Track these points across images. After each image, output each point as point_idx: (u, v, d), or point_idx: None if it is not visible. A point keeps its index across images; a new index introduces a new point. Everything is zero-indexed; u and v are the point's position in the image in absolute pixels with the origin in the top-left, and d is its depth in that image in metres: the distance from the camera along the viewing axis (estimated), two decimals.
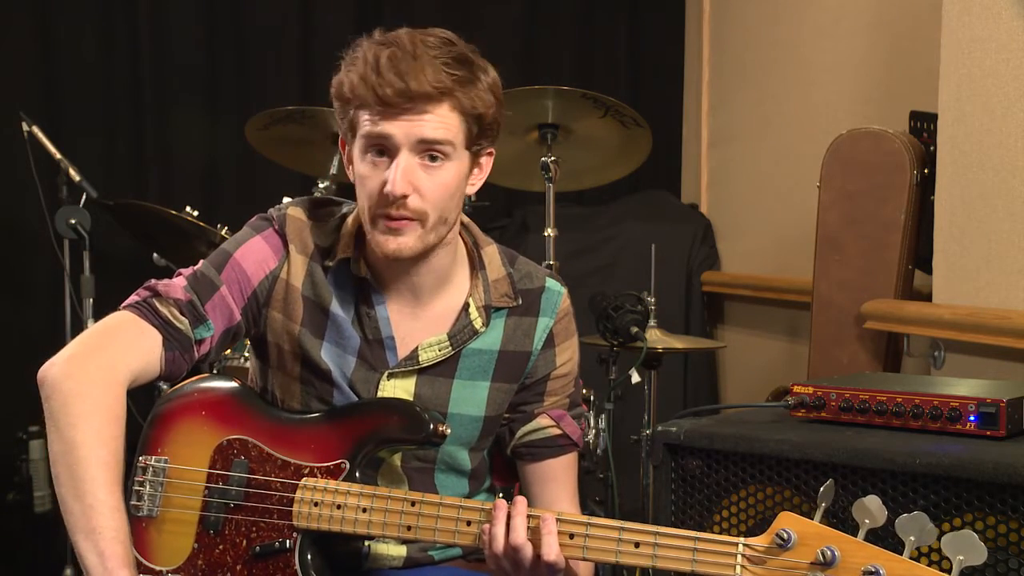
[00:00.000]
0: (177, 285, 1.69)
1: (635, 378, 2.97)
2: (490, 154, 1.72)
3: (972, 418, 1.64)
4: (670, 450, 1.75)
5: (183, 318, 1.65)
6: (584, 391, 2.88)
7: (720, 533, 1.70)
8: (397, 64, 1.57)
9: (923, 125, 2.81)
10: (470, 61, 1.63)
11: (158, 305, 1.65)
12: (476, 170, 1.71)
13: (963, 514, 1.50)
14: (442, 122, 1.59)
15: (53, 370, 1.59)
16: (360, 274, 1.71)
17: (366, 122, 1.61)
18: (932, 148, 2.68)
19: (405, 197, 1.60)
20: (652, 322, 2.99)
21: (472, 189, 1.72)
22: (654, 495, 1.78)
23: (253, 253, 1.72)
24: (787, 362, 3.80)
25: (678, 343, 3.07)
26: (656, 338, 2.97)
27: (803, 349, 3.12)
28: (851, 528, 1.34)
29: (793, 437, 1.66)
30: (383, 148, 1.61)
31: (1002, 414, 1.61)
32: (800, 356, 3.33)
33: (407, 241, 1.63)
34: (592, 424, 2.86)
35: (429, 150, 1.60)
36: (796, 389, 1.79)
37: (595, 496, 3.02)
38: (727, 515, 1.70)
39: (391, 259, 1.65)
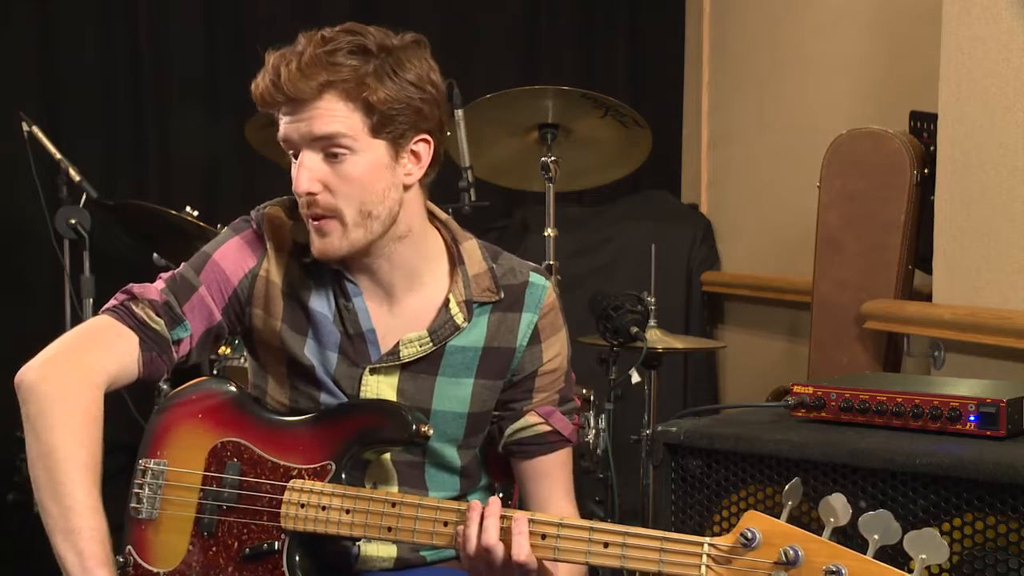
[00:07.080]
0: (154, 288, 1.70)
1: (635, 378, 2.97)
2: (426, 142, 1.66)
3: (972, 418, 1.64)
4: (670, 450, 1.74)
5: (159, 319, 1.66)
6: (584, 391, 2.88)
7: (720, 533, 1.70)
8: (278, 66, 1.59)
9: (923, 125, 2.81)
10: (369, 51, 1.60)
11: (134, 307, 1.66)
12: (407, 159, 1.65)
13: (963, 514, 1.50)
14: (329, 115, 1.58)
15: (29, 374, 1.60)
16: (334, 265, 1.70)
17: (280, 128, 1.64)
18: (932, 148, 2.67)
19: (312, 195, 1.61)
20: (652, 322, 2.98)
21: (410, 180, 1.66)
22: (654, 495, 1.78)
23: (232, 253, 1.73)
24: (787, 362, 3.80)
25: (678, 343, 3.07)
26: (656, 338, 2.97)
27: (803, 349, 3.12)
28: (851, 529, 1.34)
29: (793, 437, 1.66)
30: (295, 151, 1.63)
31: (1002, 414, 1.61)
32: (800, 356, 3.32)
33: (331, 241, 1.63)
34: (592, 424, 2.86)
35: (328, 146, 1.60)
36: (796, 389, 1.79)
37: (595, 496, 3.02)
38: (727, 515, 1.70)
39: (321, 260, 1.66)
